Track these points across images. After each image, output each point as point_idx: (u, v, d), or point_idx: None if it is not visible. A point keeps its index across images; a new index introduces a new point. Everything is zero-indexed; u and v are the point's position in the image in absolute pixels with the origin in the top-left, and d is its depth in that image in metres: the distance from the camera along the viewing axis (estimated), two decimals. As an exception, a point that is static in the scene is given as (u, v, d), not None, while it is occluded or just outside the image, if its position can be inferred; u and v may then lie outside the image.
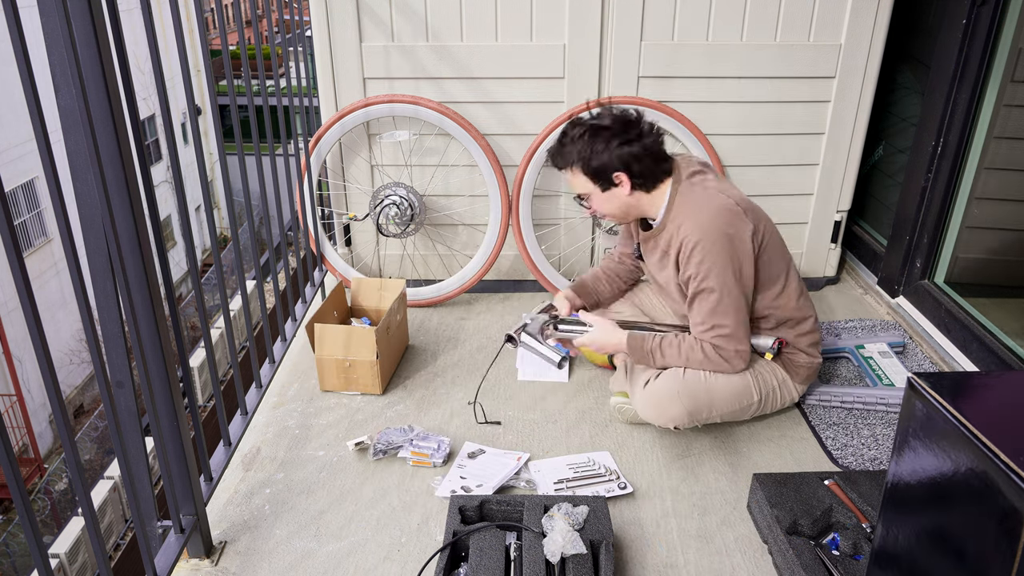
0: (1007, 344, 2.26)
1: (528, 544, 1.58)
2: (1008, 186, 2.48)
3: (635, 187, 1.90)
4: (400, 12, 2.51)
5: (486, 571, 1.53)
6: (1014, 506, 0.95)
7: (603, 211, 1.97)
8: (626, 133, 1.86)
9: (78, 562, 5.75)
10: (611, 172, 1.87)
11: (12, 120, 9.09)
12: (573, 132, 1.89)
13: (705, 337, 1.90)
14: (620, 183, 1.89)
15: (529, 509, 1.68)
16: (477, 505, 1.71)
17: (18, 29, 1.03)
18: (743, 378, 1.98)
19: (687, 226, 1.85)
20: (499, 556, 1.57)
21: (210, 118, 13.72)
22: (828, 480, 1.77)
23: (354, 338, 2.19)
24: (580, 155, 1.88)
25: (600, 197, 1.93)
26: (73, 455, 1.19)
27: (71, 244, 1.16)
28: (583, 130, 1.87)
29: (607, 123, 1.87)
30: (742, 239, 1.84)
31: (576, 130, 1.89)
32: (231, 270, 11.66)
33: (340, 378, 2.25)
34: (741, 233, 1.84)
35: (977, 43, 2.36)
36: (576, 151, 1.88)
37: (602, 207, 1.96)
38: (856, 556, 1.58)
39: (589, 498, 1.73)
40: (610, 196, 1.92)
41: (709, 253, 1.83)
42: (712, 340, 1.89)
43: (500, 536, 1.62)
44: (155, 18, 1.46)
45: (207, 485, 1.74)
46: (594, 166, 1.87)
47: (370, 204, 2.67)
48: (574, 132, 1.89)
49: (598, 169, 1.87)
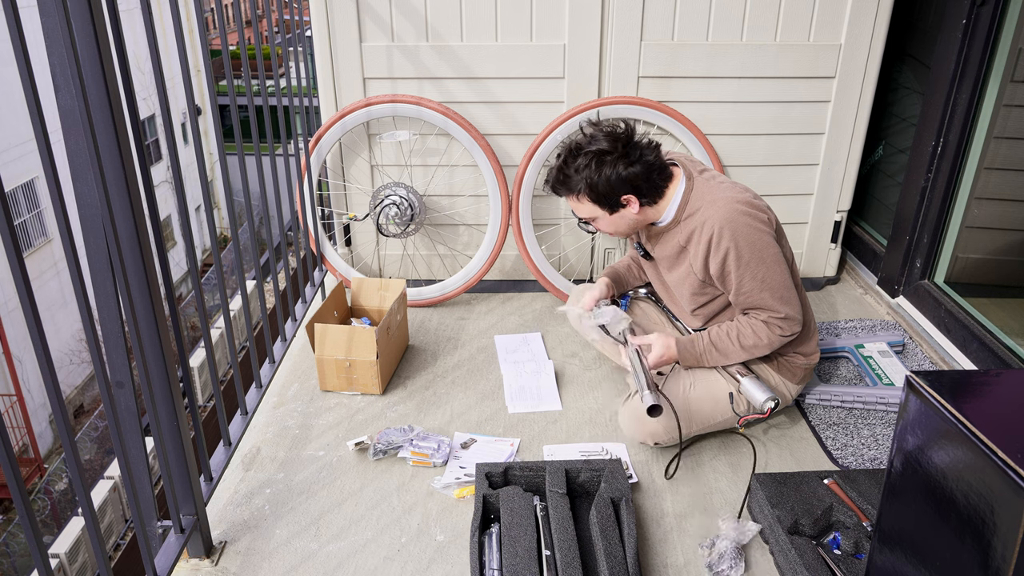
0: (1007, 344, 2.26)
1: (554, 503, 1.69)
2: (1008, 186, 2.48)
3: (643, 205, 1.88)
4: (400, 12, 2.51)
5: (518, 528, 1.63)
6: (1013, 504, 0.95)
7: (610, 230, 1.95)
8: (628, 156, 1.82)
9: (78, 562, 5.75)
10: (619, 195, 1.85)
11: (12, 120, 9.09)
12: (576, 162, 1.84)
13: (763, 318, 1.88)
14: (628, 204, 1.87)
15: (551, 473, 1.77)
16: (502, 471, 1.80)
17: (18, 29, 1.03)
18: (724, 389, 1.97)
19: (713, 218, 1.81)
20: (528, 515, 1.67)
21: (210, 118, 13.73)
22: (828, 479, 1.77)
23: (354, 338, 2.19)
24: (588, 182, 1.83)
25: (608, 220, 1.91)
26: (73, 455, 1.19)
27: (71, 244, 1.16)
28: (588, 159, 1.82)
29: (607, 147, 1.82)
30: (761, 223, 1.83)
31: (580, 160, 1.83)
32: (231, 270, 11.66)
33: (340, 378, 2.25)
34: (761, 217, 1.83)
35: (977, 43, 2.36)
36: (583, 179, 1.83)
37: (609, 228, 1.94)
38: (858, 555, 1.58)
39: (606, 461, 1.83)
40: (619, 217, 1.90)
41: (736, 238, 1.80)
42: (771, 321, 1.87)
43: (528, 498, 1.72)
44: (155, 18, 1.46)
45: (207, 485, 1.74)
46: (602, 192, 1.84)
47: (370, 204, 2.67)
48: (577, 162, 1.84)
49: (606, 194, 1.84)
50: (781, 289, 1.85)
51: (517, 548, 1.58)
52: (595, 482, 1.80)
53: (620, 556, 1.56)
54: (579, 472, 1.80)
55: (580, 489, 1.81)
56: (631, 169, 1.82)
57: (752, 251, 1.81)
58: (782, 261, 1.85)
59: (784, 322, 1.88)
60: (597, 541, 1.61)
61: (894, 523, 1.24)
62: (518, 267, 2.89)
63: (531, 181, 2.64)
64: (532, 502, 1.72)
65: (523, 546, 1.58)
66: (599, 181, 1.82)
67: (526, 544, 1.59)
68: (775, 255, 1.83)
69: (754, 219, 1.82)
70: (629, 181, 1.82)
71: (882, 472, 1.78)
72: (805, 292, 2.06)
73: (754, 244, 1.81)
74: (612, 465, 1.81)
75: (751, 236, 1.81)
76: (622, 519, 1.66)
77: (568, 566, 1.53)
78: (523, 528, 1.63)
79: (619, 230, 1.96)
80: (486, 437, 2.07)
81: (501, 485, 1.80)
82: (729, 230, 1.79)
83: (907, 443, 1.17)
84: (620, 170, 1.81)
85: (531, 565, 1.53)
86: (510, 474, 1.81)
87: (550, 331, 2.63)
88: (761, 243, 1.82)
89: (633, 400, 1.98)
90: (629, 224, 1.94)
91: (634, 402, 1.97)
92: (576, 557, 1.55)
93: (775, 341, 1.90)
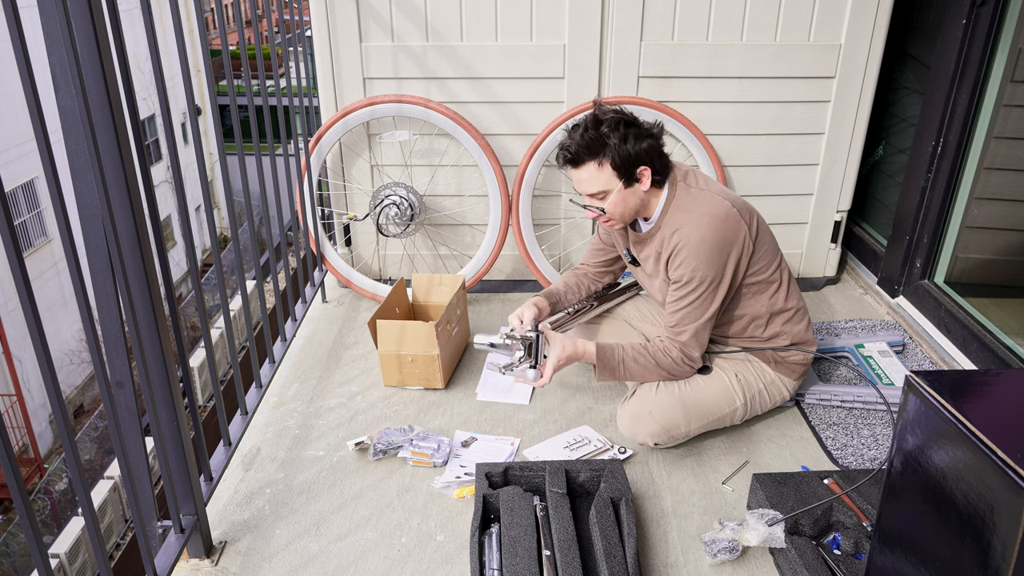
0: (1007, 344, 2.26)
1: (554, 503, 1.69)
2: (1008, 186, 2.48)
3: (653, 183, 1.90)
4: (401, 12, 2.51)
5: (518, 528, 1.63)
6: (1012, 503, 0.95)
7: (616, 212, 1.93)
8: (644, 127, 1.88)
9: (78, 562, 5.75)
10: (637, 166, 1.86)
11: (12, 120, 9.09)
12: (602, 128, 1.84)
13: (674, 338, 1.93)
14: (642, 179, 1.88)
15: (551, 473, 1.78)
16: (502, 471, 1.81)
17: (18, 29, 1.03)
18: (722, 386, 1.99)
19: (683, 231, 1.86)
20: (528, 515, 1.68)
21: (210, 118, 13.73)
22: (827, 479, 1.77)
23: (415, 333, 2.21)
24: (616, 146, 1.83)
25: (620, 194, 1.89)
26: (73, 455, 1.19)
27: (71, 244, 1.16)
28: (615, 124, 1.83)
29: (630, 118, 1.87)
30: (736, 245, 1.86)
31: (604, 127, 1.84)
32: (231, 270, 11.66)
33: (402, 372, 2.28)
34: (735, 239, 1.85)
35: (977, 43, 2.36)
36: (613, 143, 1.84)
37: (617, 207, 1.91)
38: (858, 555, 1.58)
39: (606, 461, 1.84)
40: (631, 193, 1.90)
41: (699, 260, 1.84)
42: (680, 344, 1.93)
43: (527, 498, 1.73)
44: (155, 18, 1.46)
45: (207, 485, 1.74)
46: (624, 158, 1.84)
47: (370, 204, 2.67)
48: (603, 128, 1.84)
49: (628, 161, 1.84)
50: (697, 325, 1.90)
51: (517, 548, 1.58)
52: (595, 482, 1.80)
53: (620, 556, 1.57)
54: (579, 472, 1.81)
55: (580, 489, 1.82)
56: (649, 141, 1.86)
57: (699, 274, 1.85)
58: (717, 301, 1.89)
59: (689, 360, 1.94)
60: (597, 541, 1.61)
61: (894, 523, 1.24)
62: (518, 267, 2.89)
63: (531, 180, 2.64)
64: (532, 502, 1.72)
65: (523, 546, 1.58)
66: (626, 146, 1.84)
67: (526, 544, 1.59)
68: (713, 291, 1.88)
69: (719, 241, 1.84)
70: (648, 152, 1.86)
71: (882, 472, 1.79)
72: (797, 285, 2.06)
73: (702, 267, 1.85)
74: (612, 465, 1.81)
75: (705, 256, 1.84)
76: (622, 519, 1.66)
77: (568, 566, 1.53)
78: (523, 528, 1.63)
79: (624, 211, 1.93)
80: (487, 436, 2.07)
81: (501, 485, 1.80)
82: (692, 244, 1.84)
83: (907, 443, 1.17)
84: (642, 140, 1.85)
85: (531, 565, 1.53)
86: (510, 474, 1.81)
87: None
88: (712, 271, 1.85)
89: (631, 401, 1.99)
90: (634, 204, 1.92)
91: (627, 405, 1.99)
92: (576, 557, 1.55)
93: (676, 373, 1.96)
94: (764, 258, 1.94)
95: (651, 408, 1.94)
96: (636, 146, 1.84)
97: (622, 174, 1.87)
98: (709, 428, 2.02)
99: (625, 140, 1.83)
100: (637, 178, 1.88)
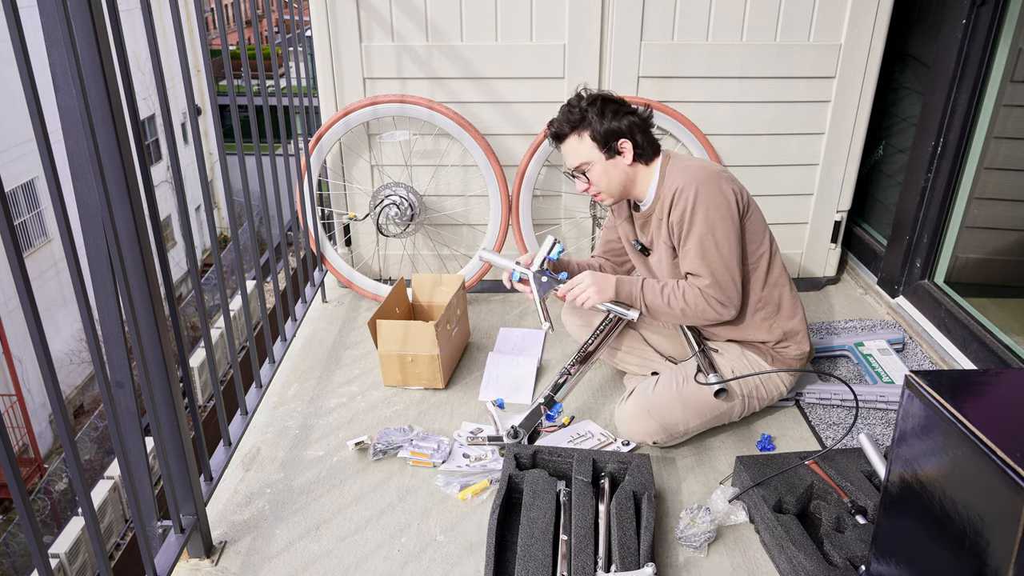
0: (1007, 344, 2.27)
1: (579, 491, 1.72)
2: (1008, 186, 2.48)
3: (636, 158, 1.95)
4: (401, 12, 2.52)
5: (538, 509, 1.68)
6: (1012, 503, 0.95)
7: (601, 185, 1.99)
8: (627, 105, 1.97)
9: (78, 562, 5.75)
10: (617, 138, 1.93)
11: (12, 120, 9.09)
12: (582, 102, 1.96)
13: (700, 285, 1.92)
14: (623, 152, 1.95)
15: (579, 461, 1.81)
16: (531, 454, 1.85)
17: (18, 29, 1.03)
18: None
19: (681, 185, 1.90)
20: (550, 498, 1.71)
21: (210, 118, 13.73)
22: (808, 460, 1.81)
23: (415, 333, 2.21)
24: (592, 119, 1.94)
25: (602, 166, 1.96)
26: (73, 455, 1.19)
27: (71, 244, 1.16)
28: (593, 99, 1.95)
29: (612, 97, 1.97)
30: (729, 192, 1.89)
31: (585, 99, 1.96)
32: (231, 270, 11.66)
33: (402, 373, 2.28)
34: (726, 188, 1.89)
35: (977, 43, 2.36)
36: (590, 115, 1.94)
37: (601, 179, 1.97)
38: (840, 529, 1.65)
39: (635, 455, 1.85)
40: (612, 165, 1.96)
41: (700, 199, 1.86)
42: (700, 286, 1.91)
43: (552, 482, 1.76)
44: (155, 18, 1.46)
45: (207, 485, 1.74)
46: (603, 130, 1.93)
47: (370, 204, 2.67)
48: (583, 101, 1.96)
49: (606, 133, 1.93)
50: (719, 266, 1.89)
51: (534, 529, 1.61)
52: (621, 474, 1.82)
53: (634, 547, 1.59)
54: (606, 463, 1.83)
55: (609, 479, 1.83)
56: (629, 117, 1.95)
57: (705, 215, 1.87)
58: (732, 241, 1.89)
59: (716, 301, 1.91)
60: (613, 531, 1.63)
61: (893, 524, 1.24)
62: (518, 267, 2.89)
63: (532, 180, 2.64)
64: (556, 487, 1.76)
65: (540, 528, 1.62)
66: (604, 119, 1.93)
67: (543, 526, 1.62)
68: (725, 231, 1.88)
69: (718, 187, 1.88)
70: (628, 127, 1.94)
71: (858, 451, 1.82)
72: (792, 282, 2.06)
73: (709, 211, 1.86)
74: (640, 459, 1.83)
75: (710, 200, 1.86)
76: (642, 512, 1.69)
77: (581, 552, 1.56)
78: (542, 510, 1.67)
79: (610, 184, 1.98)
80: (489, 429, 2.07)
81: (529, 467, 1.84)
82: (693, 188, 1.87)
83: (906, 442, 1.17)
84: (620, 116, 1.94)
85: (545, 547, 1.57)
86: (538, 458, 1.86)
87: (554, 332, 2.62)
88: (717, 213, 1.87)
89: (624, 403, 2.00)
90: (620, 178, 1.97)
91: (625, 405, 2.00)
92: (591, 543, 1.58)
93: (700, 313, 1.93)
94: (756, 225, 1.96)
95: (649, 406, 1.94)
96: (615, 120, 1.93)
97: (602, 146, 1.95)
98: (708, 426, 2.02)
99: (603, 114, 1.93)
100: (619, 151, 1.95)
